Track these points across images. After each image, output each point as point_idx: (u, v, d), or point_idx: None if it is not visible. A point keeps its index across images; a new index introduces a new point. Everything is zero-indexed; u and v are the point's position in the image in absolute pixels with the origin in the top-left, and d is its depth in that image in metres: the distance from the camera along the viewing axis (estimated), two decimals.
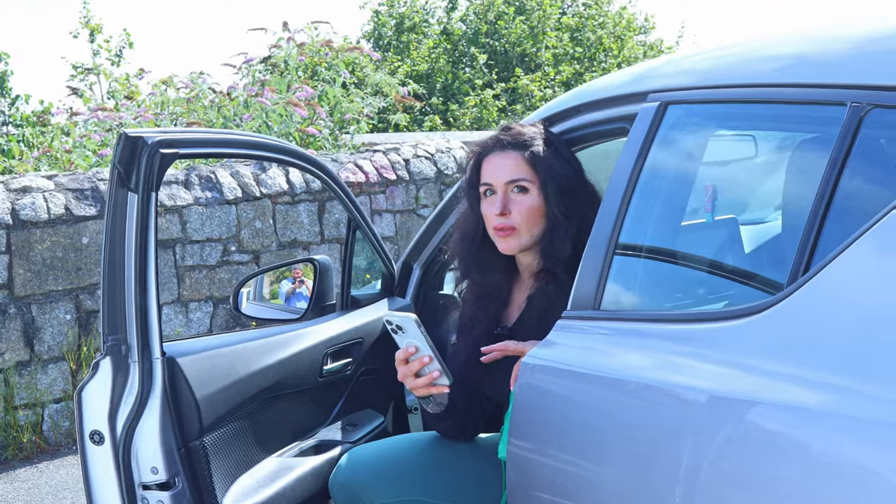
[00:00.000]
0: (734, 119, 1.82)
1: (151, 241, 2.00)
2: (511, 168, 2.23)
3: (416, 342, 2.05)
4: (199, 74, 8.35)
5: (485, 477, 2.36)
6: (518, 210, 2.22)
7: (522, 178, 2.22)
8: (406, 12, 16.21)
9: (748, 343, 1.42)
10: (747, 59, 1.78)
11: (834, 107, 1.47)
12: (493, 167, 2.27)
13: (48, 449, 5.26)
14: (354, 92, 7.77)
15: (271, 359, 2.38)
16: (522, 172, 2.23)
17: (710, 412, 1.41)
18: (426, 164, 7.04)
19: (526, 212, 2.22)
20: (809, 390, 1.30)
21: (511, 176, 2.23)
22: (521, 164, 2.24)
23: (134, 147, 1.93)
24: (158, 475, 2.07)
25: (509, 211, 2.23)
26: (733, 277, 1.80)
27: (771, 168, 1.81)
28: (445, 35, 16.09)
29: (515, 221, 2.22)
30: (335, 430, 2.60)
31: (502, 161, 2.26)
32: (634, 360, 1.64)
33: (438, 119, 13.92)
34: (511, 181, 2.23)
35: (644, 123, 1.89)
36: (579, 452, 1.76)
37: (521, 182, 2.22)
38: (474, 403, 2.35)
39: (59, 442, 5.31)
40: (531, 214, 2.23)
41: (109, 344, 2.02)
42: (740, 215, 1.91)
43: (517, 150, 2.25)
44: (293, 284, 3.85)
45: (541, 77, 15.19)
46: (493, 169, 2.27)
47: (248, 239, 6.08)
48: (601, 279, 1.87)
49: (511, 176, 2.23)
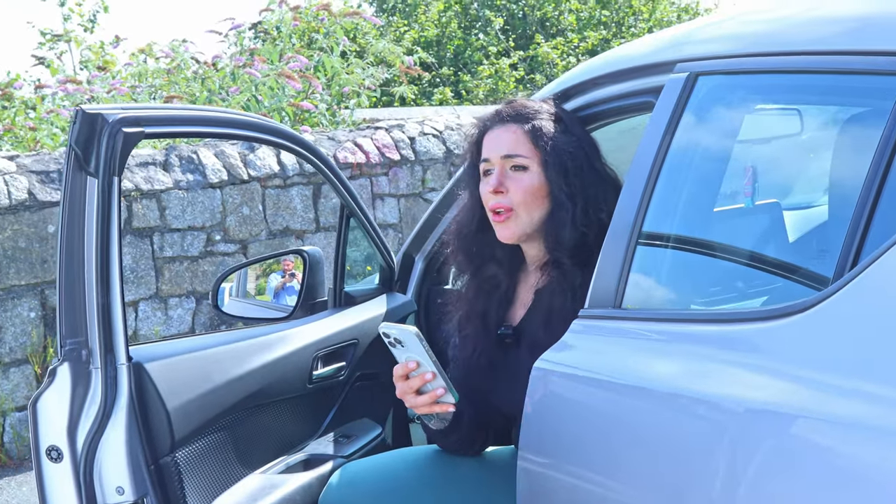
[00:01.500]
0: (775, 91, 1.79)
1: (114, 232, 1.98)
2: (510, 142, 2.22)
3: (417, 357, 2.02)
4: (181, 42, 8.35)
5: (496, 495, 2.34)
6: (516, 188, 2.20)
7: (520, 153, 2.20)
8: None
9: (790, 347, 1.39)
10: (791, 23, 1.74)
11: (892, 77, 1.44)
12: (491, 141, 2.26)
13: (10, 463, 5.26)
14: (354, 62, 7.74)
15: (254, 363, 2.36)
16: (521, 148, 2.21)
17: (749, 425, 1.39)
18: (434, 142, 7.02)
19: (524, 191, 2.19)
20: (857, 401, 1.27)
21: (508, 150, 2.21)
22: (521, 139, 2.22)
23: (92, 125, 1.91)
24: (125, 496, 2.05)
25: (506, 189, 2.20)
26: (773, 271, 1.77)
27: (817, 147, 1.78)
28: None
29: (512, 201, 2.20)
30: (326, 443, 2.59)
31: (502, 135, 2.24)
32: (663, 367, 1.62)
33: (449, 91, 13.88)
34: (508, 156, 2.21)
35: (671, 97, 1.86)
36: (599, 467, 1.74)
37: (520, 158, 2.20)
38: (481, 415, 2.33)
39: (22, 455, 5.31)
40: (530, 194, 2.19)
41: (68, 348, 2.01)
42: (783, 200, 1.87)
43: (518, 124, 2.23)
44: (283, 278, 3.83)
45: (563, 44, 15.11)
46: (491, 143, 2.25)
47: (234, 227, 6.06)
48: (622, 274, 1.84)
49: (508, 150, 2.21)
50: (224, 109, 2.26)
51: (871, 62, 1.51)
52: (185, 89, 7.60)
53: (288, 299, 3.66)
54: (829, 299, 1.37)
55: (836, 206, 1.64)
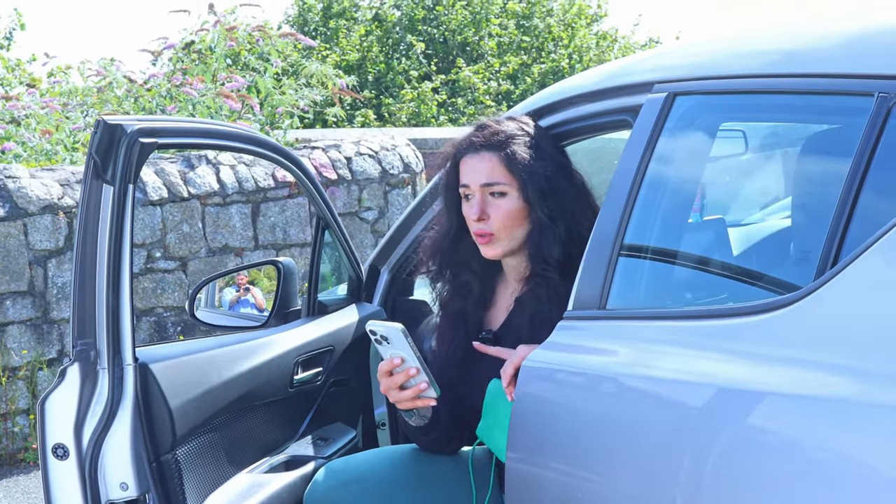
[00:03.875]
0: (749, 111, 1.95)
1: (126, 238, 2.06)
2: (486, 171, 2.31)
3: (401, 353, 2.12)
4: (110, 61, 8.33)
5: (470, 492, 2.46)
6: (496, 214, 2.31)
7: (498, 181, 2.30)
8: None
9: (779, 338, 1.54)
10: (765, 48, 1.91)
11: (860, 97, 1.61)
12: (469, 169, 2.35)
13: None
14: (287, 83, 7.82)
15: (243, 366, 2.46)
16: (498, 175, 2.31)
17: (745, 410, 1.53)
18: (370, 162, 7.13)
19: (504, 216, 2.31)
20: (839, 381, 1.42)
21: (486, 179, 2.31)
22: (496, 167, 2.31)
23: (112, 135, 2.00)
24: (128, 491, 2.13)
25: (487, 216, 2.32)
26: (752, 273, 1.92)
27: (789, 161, 1.94)
28: (378, 21, 16.19)
29: (493, 227, 2.31)
30: (306, 445, 2.68)
31: (478, 164, 2.33)
32: (653, 362, 1.75)
33: (372, 114, 14.00)
34: (486, 184, 2.31)
35: (650, 115, 2.01)
36: (588, 463, 1.85)
37: (498, 186, 2.30)
38: (458, 415, 2.45)
39: None
40: (510, 219, 2.31)
41: (78, 349, 2.08)
42: (757, 210, 2.03)
43: (491, 152, 2.32)
44: (238, 292, 3.91)
45: (484, 68, 15.37)
46: (469, 171, 2.35)
47: (174, 244, 6.10)
48: (606, 277, 1.97)
49: (486, 179, 2.31)
50: (229, 124, 2.36)
51: (829, 84, 1.68)
52: (118, 107, 7.60)
53: (242, 311, 3.75)
54: (812, 295, 1.53)
55: (810, 215, 1.80)
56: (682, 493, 1.60)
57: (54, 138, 6.75)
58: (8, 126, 6.99)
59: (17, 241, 5.47)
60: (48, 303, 5.58)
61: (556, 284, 2.30)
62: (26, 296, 5.51)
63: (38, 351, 5.52)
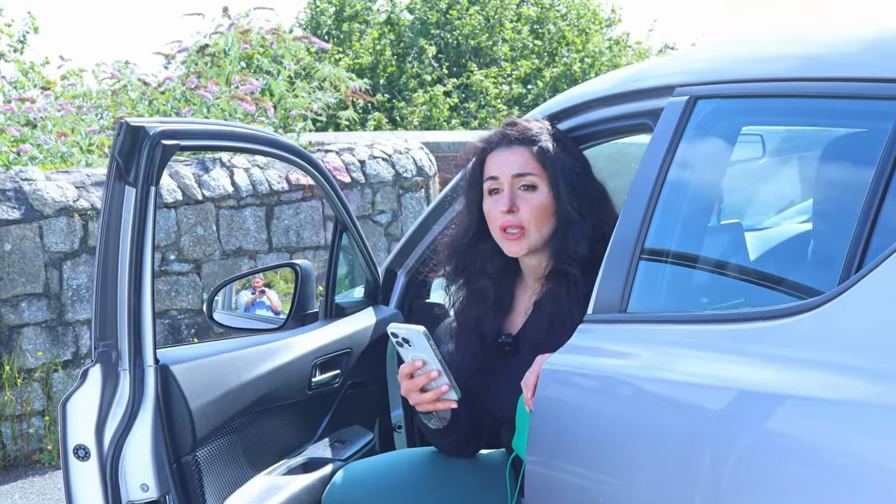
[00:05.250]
0: (771, 115, 1.95)
1: (148, 240, 2.07)
2: (519, 163, 2.33)
3: (423, 356, 2.13)
4: (125, 64, 8.36)
5: (489, 493, 2.46)
6: (527, 207, 2.32)
7: (531, 172, 2.32)
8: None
9: (804, 342, 1.54)
10: (787, 52, 1.91)
11: (884, 101, 1.61)
12: (498, 162, 2.36)
13: None
14: (300, 86, 7.84)
15: (262, 369, 2.46)
16: (531, 168, 2.33)
17: (766, 414, 1.53)
18: (383, 165, 7.14)
19: (534, 209, 2.32)
20: (863, 385, 1.42)
21: (520, 169, 2.32)
22: (529, 160, 2.33)
23: (135, 138, 2.01)
24: (148, 493, 2.14)
25: (517, 208, 2.32)
26: (774, 277, 1.92)
27: (812, 165, 1.94)
28: (390, 25, 16.21)
29: (524, 219, 2.32)
30: (324, 447, 2.69)
31: (509, 157, 2.35)
32: (677, 364, 1.75)
33: (384, 117, 14.02)
34: (519, 175, 2.32)
35: (671, 119, 2.01)
36: (608, 466, 1.85)
37: (530, 178, 2.32)
38: (477, 418, 2.45)
39: None
40: (540, 212, 2.32)
41: (100, 351, 2.09)
42: (779, 214, 2.03)
43: (524, 146, 2.35)
44: (253, 294, 3.92)
45: (496, 73, 15.38)
46: (499, 163, 2.36)
47: (188, 247, 6.11)
48: (627, 280, 1.98)
49: (520, 169, 2.32)
50: (250, 127, 2.37)
51: (855, 88, 1.68)
52: (132, 110, 7.62)
53: (259, 314, 3.75)
54: (838, 298, 1.53)
55: (833, 220, 1.80)
56: (701, 498, 1.60)
57: (70, 140, 6.77)
58: (24, 128, 7.02)
59: (32, 244, 5.49)
60: (63, 305, 5.60)
61: (576, 281, 2.30)
62: (41, 298, 5.53)
63: (53, 353, 5.54)
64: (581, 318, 2.09)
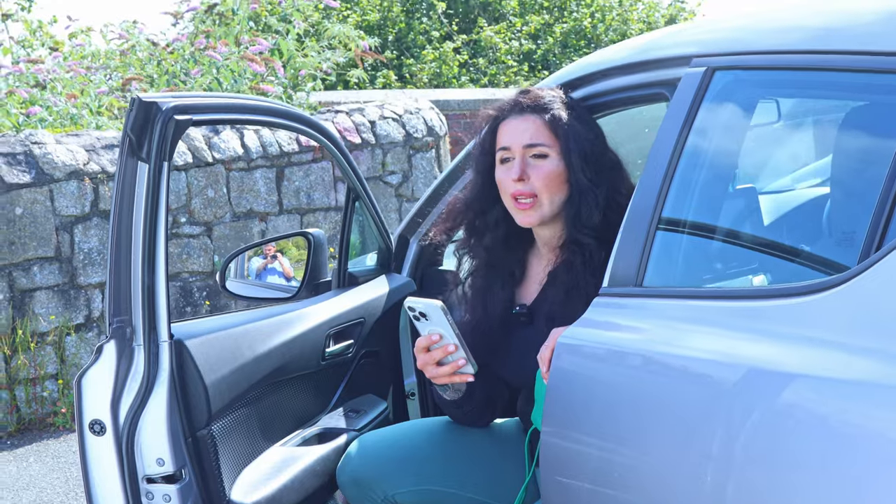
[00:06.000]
0: (790, 87, 1.92)
1: (161, 216, 2.06)
2: (530, 131, 2.32)
3: (440, 329, 2.12)
4: (133, 24, 8.32)
5: (504, 463, 2.47)
6: (537, 176, 2.31)
7: (542, 142, 2.31)
8: None
9: (826, 320, 1.53)
10: (806, 23, 1.88)
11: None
12: (510, 130, 2.35)
13: None
14: (310, 45, 7.79)
15: (275, 341, 2.46)
16: (542, 137, 2.31)
17: (787, 393, 1.52)
18: (394, 126, 7.11)
19: (545, 177, 2.31)
20: (889, 366, 1.41)
21: (531, 139, 2.31)
22: (540, 129, 2.32)
23: (147, 113, 1.99)
24: (165, 467, 2.14)
25: (528, 176, 2.31)
26: (793, 252, 1.91)
27: (831, 140, 1.92)
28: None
29: (535, 188, 2.31)
30: (338, 417, 2.69)
31: (521, 125, 2.34)
32: (692, 341, 1.74)
33: (393, 74, 13.94)
34: (530, 145, 2.31)
35: (689, 89, 1.99)
36: (624, 439, 1.86)
37: (541, 147, 2.31)
38: (493, 389, 2.45)
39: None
40: (551, 180, 2.31)
41: (115, 326, 2.09)
42: (797, 189, 2.01)
43: (536, 114, 2.34)
44: (265, 260, 3.91)
45: (506, 28, 15.24)
46: (511, 133, 2.35)
47: (199, 209, 6.11)
48: (643, 254, 1.96)
49: (531, 139, 2.31)
50: (262, 99, 2.35)
51: (879, 62, 1.65)
52: (140, 71, 7.59)
53: (269, 279, 3.75)
54: (858, 277, 1.51)
55: (855, 196, 1.78)
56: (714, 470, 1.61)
57: (80, 102, 6.75)
58: (33, 90, 6.99)
59: (43, 208, 5.49)
60: (75, 268, 5.61)
61: (591, 250, 2.29)
62: (53, 262, 5.54)
63: (65, 316, 5.56)
64: (596, 289, 2.08)
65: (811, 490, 1.47)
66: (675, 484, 1.72)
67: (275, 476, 2.37)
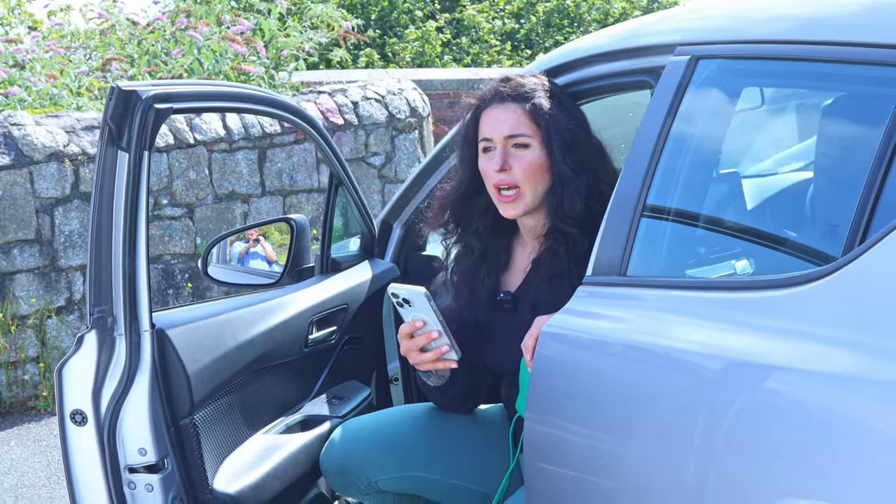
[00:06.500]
0: (774, 77, 1.92)
1: (142, 205, 2.05)
2: (511, 122, 2.31)
3: (423, 316, 2.12)
4: (112, 3, 8.24)
5: (488, 450, 2.47)
6: (519, 166, 2.30)
7: (523, 133, 2.29)
8: None
9: (811, 312, 1.53)
10: (791, 13, 1.87)
11: (890, 67, 1.58)
12: (491, 121, 2.34)
13: None
14: (292, 25, 7.74)
15: (258, 328, 2.45)
16: (523, 127, 2.30)
17: (773, 385, 1.53)
18: (376, 107, 7.08)
19: (527, 167, 2.30)
20: (872, 360, 1.41)
21: (511, 130, 2.30)
22: (521, 118, 2.31)
23: (127, 102, 1.97)
24: (147, 457, 2.13)
25: (510, 167, 2.30)
26: (776, 241, 1.91)
27: (815, 131, 1.92)
28: None
29: (517, 178, 2.30)
30: (321, 404, 2.69)
31: (501, 115, 2.33)
32: (680, 331, 1.74)
33: (375, 54, 13.87)
34: (511, 136, 2.30)
35: (673, 78, 1.98)
36: (607, 427, 1.87)
37: (522, 138, 2.30)
38: (476, 375, 2.45)
39: None
40: (533, 170, 2.30)
41: (95, 316, 2.08)
42: (781, 178, 2.01)
43: (517, 103, 2.32)
44: (247, 244, 3.89)
45: (489, 6, 15.19)
46: (492, 123, 2.33)
47: (181, 191, 6.08)
48: (627, 242, 1.96)
49: (511, 130, 2.30)
50: (243, 86, 2.33)
51: (874, 53, 1.65)
52: (120, 51, 7.52)
53: (251, 263, 3.73)
54: (843, 269, 1.51)
55: (839, 186, 1.78)
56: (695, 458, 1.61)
57: (59, 83, 6.69)
58: (11, 70, 6.92)
59: (23, 190, 5.45)
60: (55, 251, 5.57)
61: (575, 239, 2.29)
62: (34, 244, 5.51)
63: (46, 299, 5.53)
64: (579, 277, 2.08)
65: (793, 480, 1.48)
66: (658, 472, 1.73)
67: (258, 464, 2.36)
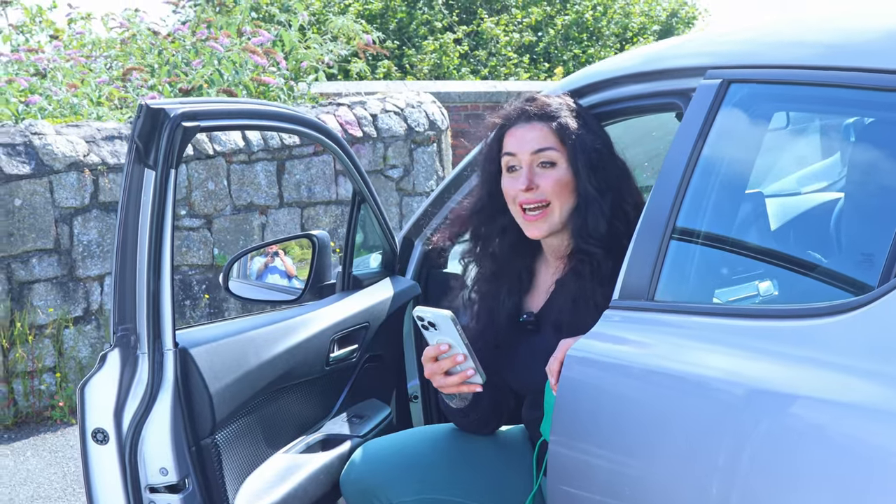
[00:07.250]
0: (806, 102, 1.90)
1: (167, 223, 2.04)
2: (538, 139, 2.29)
3: (449, 339, 2.11)
4: (134, 12, 8.27)
5: (509, 472, 2.45)
6: (546, 183, 2.28)
7: (550, 147, 2.28)
8: None
9: (845, 343, 1.51)
10: (820, 39, 1.85)
11: None
12: (517, 139, 2.32)
13: None
14: (312, 37, 7.74)
15: (280, 347, 2.44)
16: (550, 143, 2.29)
17: (806, 417, 1.50)
18: (395, 119, 7.07)
19: (555, 184, 2.28)
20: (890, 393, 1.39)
21: (538, 146, 2.29)
22: (548, 136, 2.30)
23: (155, 120, 1.97)
24: (168, 476, 2.12)
25: (536, 185, 2.29)
26: (810, 270, 1.88)
27: (849, 157, 1.89)
28: None
29: (546, 193, 2.28)
30: (341, 423, 2.67)
31: (527, 133, 2.31)
32: (708, 359, 1.72)
33: (393, 65, 13.89)
34: (538, 151, 2.28)
35: (703, 101, 1.96)
36: (633, 453, 1.85)
37: (549, 153, 2.28)
38: (499, 397, 2.43)
39: None
40: (560, 188, 2.28)
41: (119, 335, 2.06)
42: (813, 206, 1.99)
43: (543, 122, 2.31)
44: (266, 259, 3.88)
45: (507, 20, 15.19)
46: (518, 140, 2.32)
47: (199, 202, 6.08)
48: (655, 267, 1.94)
49: (538, 146, 2.29)
50: (269, 103, 2.32)
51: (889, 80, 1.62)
52: (141, 60, 7.54)
53: (269, 278, 3.72)
54: (883, 299, 1.49)
55: (875, 213, 1.76)
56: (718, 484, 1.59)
57: (80, 92, 6.71)
58: (33, 79, 6.94)
59: (42, 199, 5.46)
60: (74, 260, 5.58)
61: (599, 260, 2.27)
62: (52, 254, 5.51)
63: (63, 309, 5.53)
64: (603, 298, 2.07)
65: None
66: (681, 498, 1.71)
67: (278, 484, 2.34)
